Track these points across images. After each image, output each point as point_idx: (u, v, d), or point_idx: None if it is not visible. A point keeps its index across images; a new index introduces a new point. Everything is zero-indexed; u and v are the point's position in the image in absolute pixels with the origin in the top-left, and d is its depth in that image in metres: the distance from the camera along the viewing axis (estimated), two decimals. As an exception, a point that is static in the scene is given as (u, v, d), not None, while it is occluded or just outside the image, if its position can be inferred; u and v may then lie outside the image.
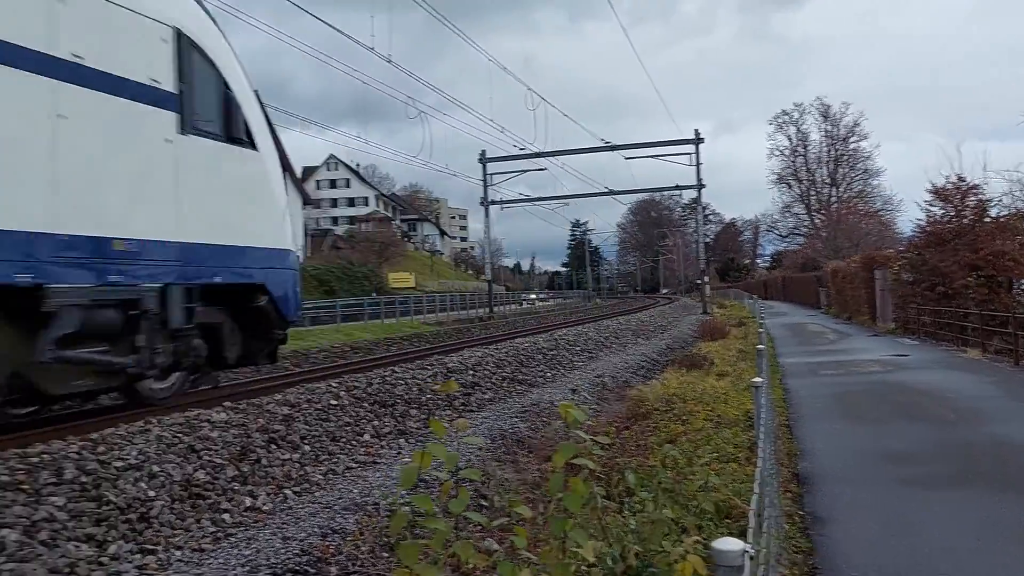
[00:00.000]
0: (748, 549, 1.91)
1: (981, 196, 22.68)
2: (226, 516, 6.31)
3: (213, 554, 5.58)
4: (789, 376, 14.86)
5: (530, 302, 78.10)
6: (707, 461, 6.71)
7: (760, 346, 8.68)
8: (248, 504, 6.63)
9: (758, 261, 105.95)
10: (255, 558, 5.39)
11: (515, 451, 9.19)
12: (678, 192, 61.37)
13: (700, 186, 47.51)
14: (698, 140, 46.04)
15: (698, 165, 46.10)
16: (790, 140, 74.72)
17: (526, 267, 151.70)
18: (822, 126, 73.50)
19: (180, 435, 7.34)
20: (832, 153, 73.05)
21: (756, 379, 5.52)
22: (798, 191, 74.87)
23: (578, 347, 19.59)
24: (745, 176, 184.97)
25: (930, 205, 24.03)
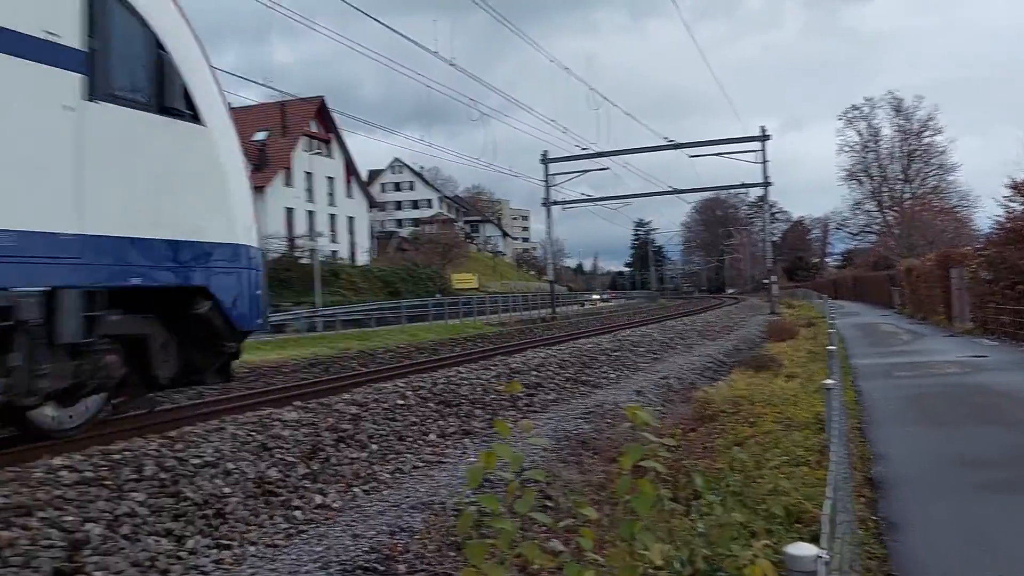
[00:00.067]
0: (822, 555, 1.89)
1: (1064, 191, 21.81)
2: (297, 513, 6.46)
3: (286, 550, 5.72)
4: (861, 378, 14.47)
5: (592, 302, 77.63)
6: (776, 464, 6.60)
7: (831, 347, 8.50)
8: (319, 502, 6.77)
9: (827, 260, 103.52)
10: (326, 555, 5.51)
11: (579, 452, 9.17)
12: (744, 190, 60.44)
13: (767, 184, 46.86)
14: (764, 137, 45.42)
15: (764, 162, 45.51)
16: (860, 135, 72.64)
17: (588, 267, 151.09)
18: (894, 120, 71.17)
19: (253, 433, 7.56)
20: (905, 148, 70.82)
21: (828, 381, 5.41)
22: (869, 187, 72.70)
23: (642, 348, 19.45)
24: (813, 173, 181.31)
25: (1009, 201, 23.12)
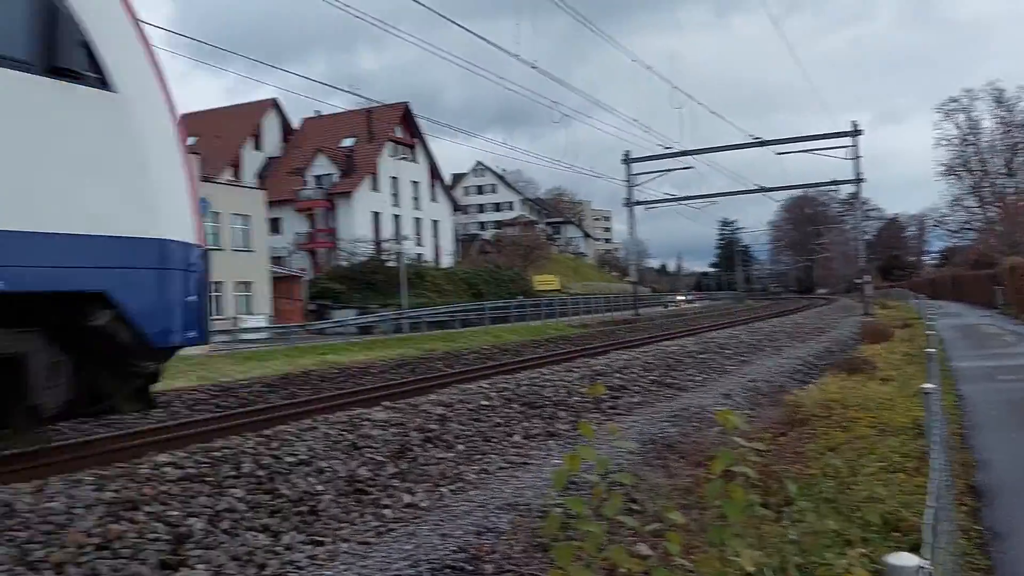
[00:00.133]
0: (924, 565, 1.84)
1: None
2: (387, 511, 6.60)
3: (376, 548, 5.85)
4: (962, 381, 13.85)
5: (675, 304, 76.47)
6: (872, 471, 6.39)
7: (929, 349, 8.16)
8: (407, 500, 6.90)
9: (924, 259, 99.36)
10: (415, 553, 5.61)
11: (665, 456, 9.07)
12: (835, 187, 58.43)
13: (859, 180, 45.31)
14: (856, 132, 43.99)
15: (856, 158, 44.04)
16: (959, 128, 69.45)
17: (672, 268, 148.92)
18: (995, 112, 67.82)
19: (344, 432, 7.77)
20: (1007, 141, 67.30)
21: (926, 384, 5.21)
22: (969, 183, 69.38)
23: (728, 350, 19.07)
24: (908, 169, 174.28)
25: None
